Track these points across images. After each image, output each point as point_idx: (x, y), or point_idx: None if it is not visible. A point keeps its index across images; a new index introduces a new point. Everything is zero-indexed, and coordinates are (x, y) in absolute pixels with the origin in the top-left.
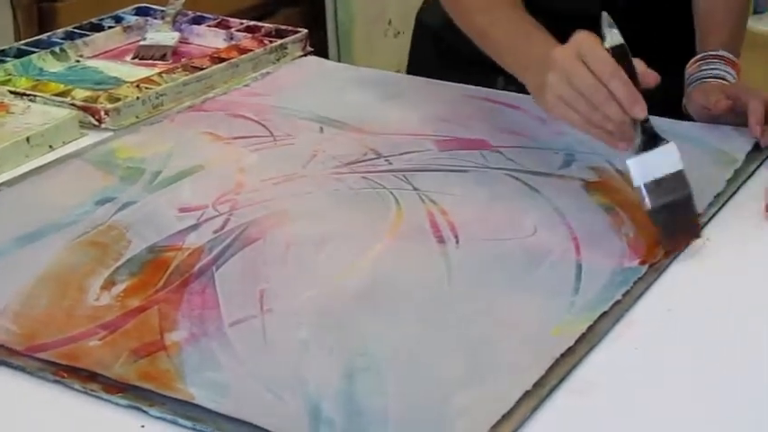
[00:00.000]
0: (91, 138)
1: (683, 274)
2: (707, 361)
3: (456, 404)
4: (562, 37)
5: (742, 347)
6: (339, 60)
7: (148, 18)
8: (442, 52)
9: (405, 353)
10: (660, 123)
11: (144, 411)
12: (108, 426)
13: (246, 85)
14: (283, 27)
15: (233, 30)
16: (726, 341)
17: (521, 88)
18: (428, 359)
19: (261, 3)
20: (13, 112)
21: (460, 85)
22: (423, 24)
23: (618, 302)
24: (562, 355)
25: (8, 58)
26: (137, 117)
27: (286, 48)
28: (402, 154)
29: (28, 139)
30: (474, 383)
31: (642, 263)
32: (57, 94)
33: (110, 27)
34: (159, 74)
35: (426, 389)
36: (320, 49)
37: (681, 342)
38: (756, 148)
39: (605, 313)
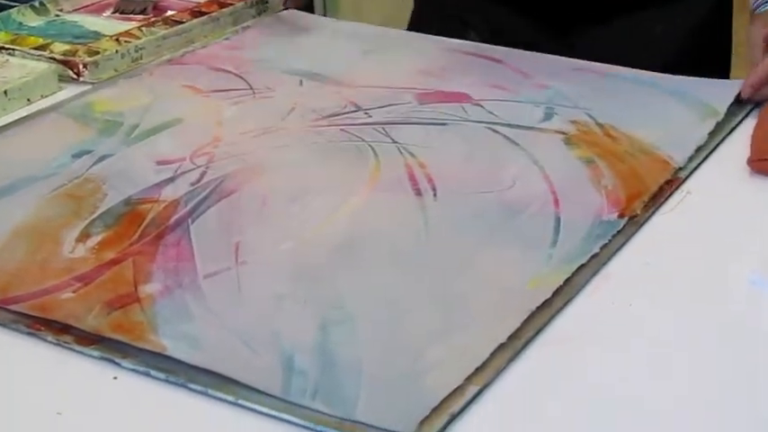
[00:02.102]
0: (69, 91)
1: (662, 227)
2: (684, 314)
3: (430, 356)
4: None
5: (721, 301)
6: (324, 15)
7: None
8: (420, 4)
9: (380, 306)
10: (641, 76)
11: (116, 363)
12: (81, 377)
13: (227, 39)
14: None
15: None
16: (704, 295)
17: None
18: (403, 312)
19: None
20: None
21: (442, 38)
22: None
23: (596, 255)
24: (538, 308)
25: None
26: (115, 70)
27: (267, 2)
28: (382, 107)
29: (6, 93)
30: (449, 336)
31: (621, 216)
32: (35, 48)
33: None
34: (139, 28)
35: (401, 341)
36: (306, 5)
37: (658, 295)
38: (738, 101)
39: (583, 266)
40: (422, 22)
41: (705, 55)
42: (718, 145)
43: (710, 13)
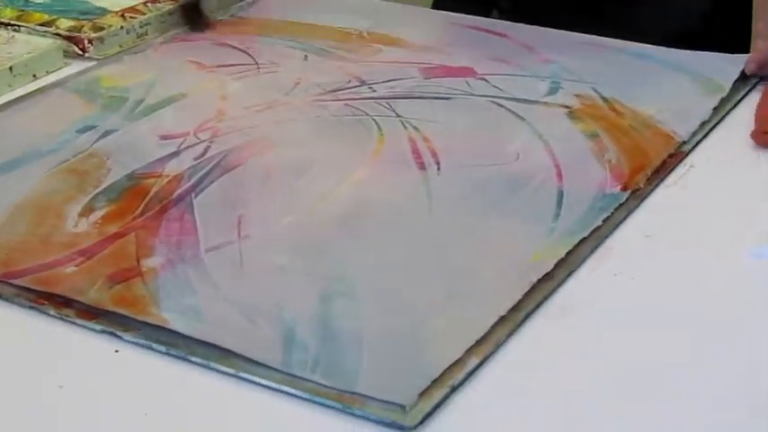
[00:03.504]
0: (74, 67)
1: (665, 200)
2: (686, 287)
3: (431, 328)
4: None
5: (723, 275)
6: None
7: None
8: None
9: (382, 278)
10: (646, 51)
11: (118, 336)
12: (82, 351)
13: (233, 15)
14: None
15: None
16: (706, 267)
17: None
18: (405, 284)
19: None
20: None
21: (447, 12)
22: None
23: (598, 228)
24: (540, 281)
25: None
26: (120, 46)
27: None
28: (386, 81)
29: (11, 69)
30: (450, 309)
31: (624, 189)
32: (41, 24)
33: None
34: (144, 3)
35: (402, 314)
36: None
37: (660, 269)
38: (743, 76)
39: (585, 239)
40: (444, 6)
41: (731, 29)
42: (722, 119)
43: None
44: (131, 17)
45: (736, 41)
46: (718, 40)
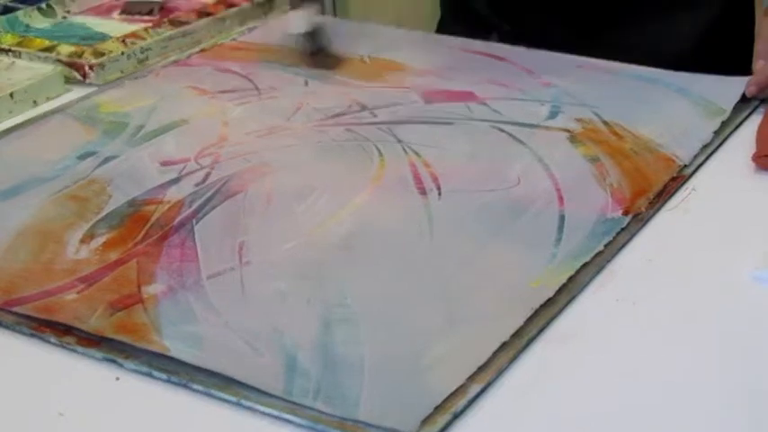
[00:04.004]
0: (75, 93)
1: (666, 224)
2: (688, 312)
3: (432, 354)
4: None
5: (724, 299)
6: (334, 16)
7: None
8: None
9: (383, 304)
10: (646, 73)
11: (119, 364)
12: (83, 379)
13: (233, 40)
14: None
15: None
16: (708, 292)
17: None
18: (406, 310)
19: None
20: None
21: (448, 36)
22: None
23: (600, 253)
24: (542, 306)
25: None
26: (121, 72)
27: (273, 2)
28: (387, 106)
29: (12, 95)
30: (452, 334)
31: (625, 213)
32: (42, 50)
33: None
34: (145, 29)
35: (403, 339)
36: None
37: (662, 293)
38: (744, 98)
39: (587, 264)
40: (450, 30)
41: (727, 51)
42: (723, 142)
43: (731, 9)
44: (132, 43)
45: (734, 63)
46: (716, 62)
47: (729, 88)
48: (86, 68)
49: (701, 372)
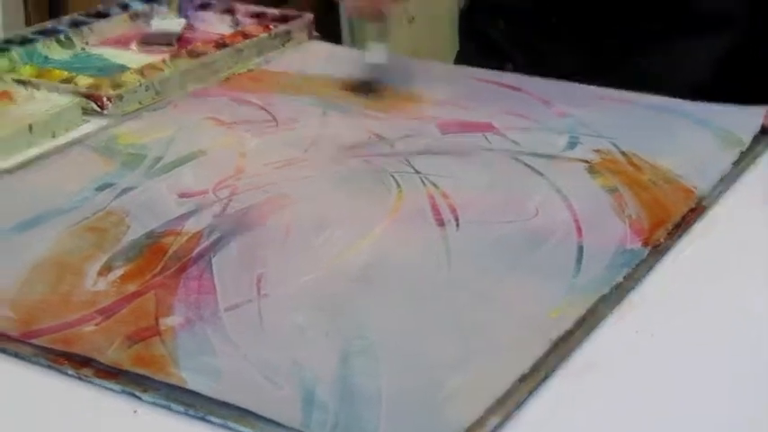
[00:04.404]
0: (94, 124)
1: (685, 255)
2: (708, 343)
3: (451, 387)
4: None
5: (745, 331)
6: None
7: (154, 5)
8: (463, 37)
9: (401, 337)
10: (663, 103)
11: (137, 397)
12: (101, 411)
13: (251, 71)
14: (289, 12)
15: (239, 15)
16: (728, 324)
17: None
18: (425, 342)
19: None
20: (16, 100)
21: (465, 67)
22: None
23: (619, 284)
24: (561, 338)
25: (13, 47)
26: (140, 103)
27: (291, 33)
28: (405, 137)
29: (30, 127)
30: (470, 366)
31: (644, 244)
32: (60, 82)
33: (116, 14)
34: (163, 60)
35: (421, 372)
36: (334, 36)
37: (682, 324)
38: (764, 129)
39: (606, 295)
40: (468, 61)
41: (746, 79)
42: (742, 172)
43: (749, 37)
44: (150, 74)
45: (753, 91)
46: (734, 91)
47: (748, 118)
48: (104, 100)
49: (721, 404)
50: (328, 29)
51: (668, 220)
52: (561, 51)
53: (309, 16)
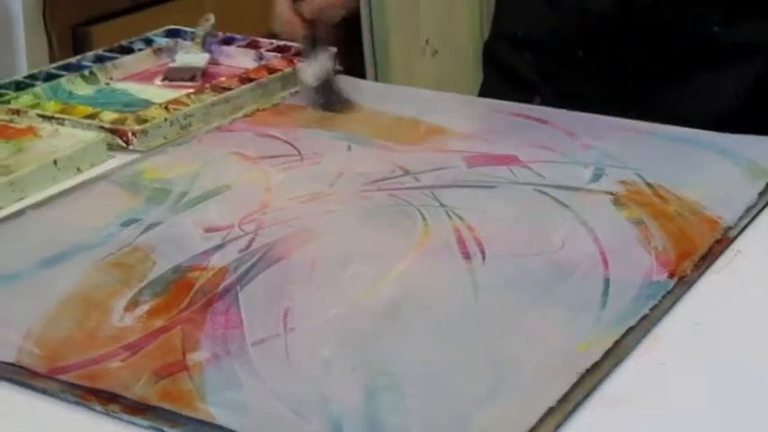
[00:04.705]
0: (118, 159)
1: (712, 287)
2: (736, 377)
3: (478, 421)
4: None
5: None
6: (376, 81)
7: (178, 40)
8: (487, 68)
9: (428, 371)
10: (689, 135)
11: None
12: None
13: (275, 105)
14: None
15: (263, 50)
16: (756, 357)
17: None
18: (451, 377)
19: None
20: (41, 136)
21: (490, 100)
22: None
23: (645, 317)
24: (588, 371)
25: (37, 82)
26: (165, 138)
27: None
28: (430, 171)
29: (55, 162)
30: (497, 400)
31: (671, 276)
32: (85, 117)
33: (140, 49)
34: (188, 95)
35: (448, 407)
36: (358, 71)
37: (709, 357)
38: None
39: (632, 328)
40: (492, 93)
41: None
42: (767, 204)
43: None
44: (175, 109)
45: None
46: (758, 122)
47: None
48: (129, 135)
49: None
50: (352, 63)
51: (694, 251)
52: (587, 83)
53: (333, 50)
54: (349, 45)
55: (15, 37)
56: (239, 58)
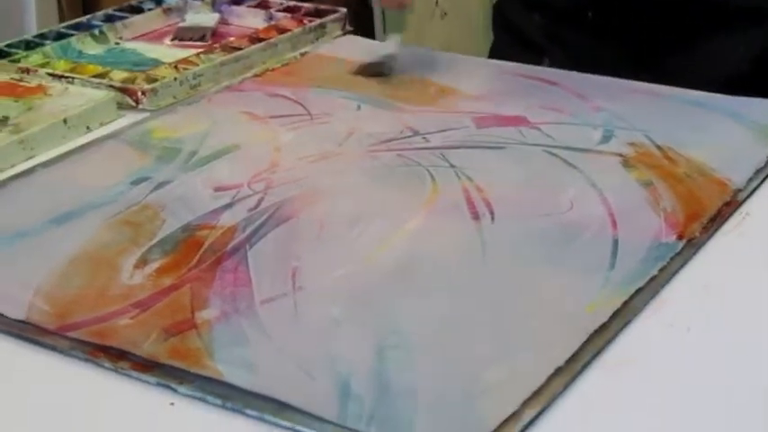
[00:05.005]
0: (128, 118)
1: (721, 249)
2: (743, 339)
3: (486, 381)
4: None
5: None
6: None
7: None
8: (497, 31)
9: (436, 330)
10: (698, 98)
11: (173, 389)
12: (138, 404)
13: (285, 65)
14: (323, 7)
15: (273, 10)
16: (764, 319)
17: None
18: (460, 336)
19: None
20: (51, 95)
21: (499, 61)
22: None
23: (654, 278)
24: (596, 331)
25: (47, 42)
26: (174, 98)
27: (325, 27)
28: (439, 131)
29: (65, 121)
30: (505, 360)
31: (679, 238)
32: (95, 76)
33: (149, 9)
34: (197, 54)
35: (457, 366)
36: (367, 31)
37: (717, 318)
38: None
39: (641, 289)
40: (502, 55)
41: None
42: None
43: None
44: (184, 68)
45: None
46: None
47: None
48: (139, 94)
49: (757, 398)
50: (362, 23)
51: (703, 213)
52: (597, 46)
53: (343, 11)
54: (359, 5)
55: None
56: (249, 18)
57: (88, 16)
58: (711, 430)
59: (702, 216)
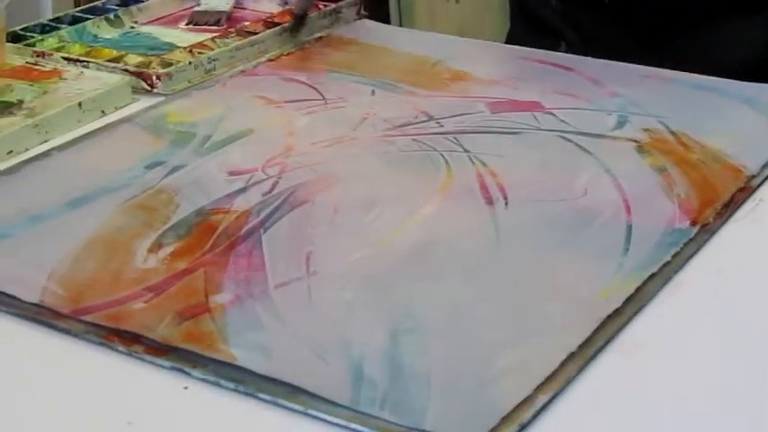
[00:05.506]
0: (143, 102)
1: (734, 235)
2: (758, 324)
3: (500, 365)
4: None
5: None
6: (401, 26)
7: None
8: (514, 16)
9: (450, 315)
10: (713, 83)
11: (187, 373)
12: (151, 387)
13: (300, 50)
14: None
15: None
16: None
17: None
18: (473, 321)
19: None
20: (66, 78)
21: (515, 46)
22: None
23: (667, 264)
24: (609, 317)
25: (63, 25)
26: (189, 82)
27: (340, 12)
28: (453, 116)
29: (80, 105)
30: (519, 345)
31: (693, 224)
32: (110, 60)
33: None
34: (212, 39)
35: (470, 350)
36: (382, 16)
37: (731, 304)
38: None
39: (654, 275)
40: (519, 40)
41: None
42: None
43: None
44: (199, 53)
45: None
46: None
47: None
48: (154, 78)
49: None
50: (377, 8)
51: (717, 199)
52: (613, 31)
53: None
54: None
55: None
56: (264, 3)
57: (103, 0)
58: (725, 415)
59: (716, 202)
